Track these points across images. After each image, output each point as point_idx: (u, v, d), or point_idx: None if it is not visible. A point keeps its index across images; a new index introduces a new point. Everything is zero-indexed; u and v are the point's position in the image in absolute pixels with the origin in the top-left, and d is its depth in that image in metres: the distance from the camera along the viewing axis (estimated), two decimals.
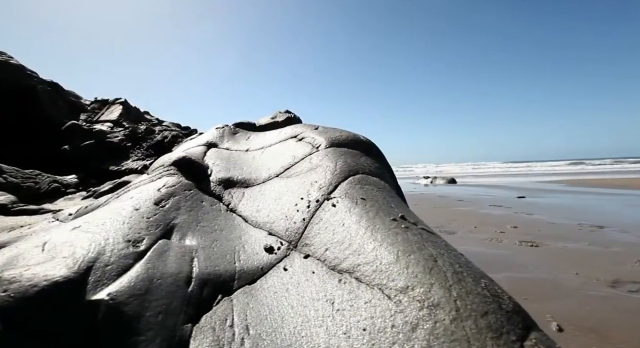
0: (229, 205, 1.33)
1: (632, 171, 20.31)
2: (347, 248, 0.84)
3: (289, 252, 0.96)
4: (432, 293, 0.61)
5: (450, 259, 0.70)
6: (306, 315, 0.68)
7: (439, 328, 0.55)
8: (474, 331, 0.52)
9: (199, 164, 1.54)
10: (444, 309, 0.58)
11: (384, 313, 0.62)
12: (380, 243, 0.80)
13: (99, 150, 3.94)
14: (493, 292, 0.60)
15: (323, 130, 1.87)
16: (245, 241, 1.06)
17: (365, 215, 0.95)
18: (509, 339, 0.50)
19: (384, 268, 0.72)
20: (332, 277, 0.78)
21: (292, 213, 1.11)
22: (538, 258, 2.69)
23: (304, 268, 0.85)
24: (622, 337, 1.45)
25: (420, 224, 0.92)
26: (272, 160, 1.73)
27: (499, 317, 0.54)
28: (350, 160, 1.38)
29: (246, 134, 2.73)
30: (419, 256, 0.71)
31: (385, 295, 0.66)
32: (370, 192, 1.09)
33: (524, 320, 0.56)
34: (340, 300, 0.69)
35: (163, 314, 0.70)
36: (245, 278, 0.88)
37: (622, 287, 2.01)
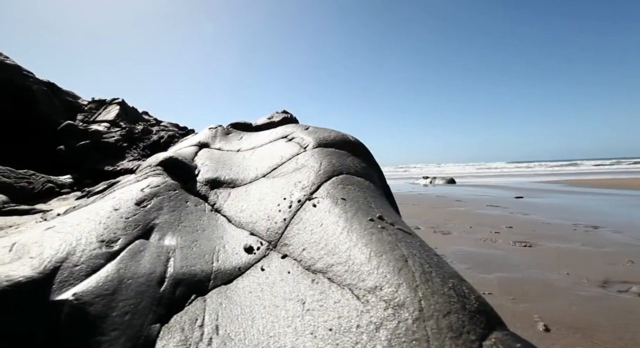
0: (214, 205, 1.33)
1: (631, 171, 20.29)
2: (323, 248, 0.84)
3: (268, 252, 0.96)
4: (398, 294, 0.62)
5: (421, 260, 0.71)
6: (277, 315, 0.68)
7: (402, 328, 0.55)
8: (434, 331, 0.52)
9: (185, 164, 1.55)
10: (408, 309, 0.58)
11: (350, 314, 0.62)
12: (354, 244, 0.80)
13: (94, 151, 3.94)
14: (459, 292, 0.60)
15: (313, 131, 1.87)
16: (226, 241, 1.06)
17: (343, 215, 0.96)
18: (468, 339, 0.50)
19: (356, 268, 0.72)
20: (306, 277, 0.78)
21: (274, 213, 1.12)
22: (531, 259, 2.69)
23: (280, 269, 0.85)
24: (606, 336, 1.45)
25: (398, 224, 0.92)
26: (261, 160, 1.73)
27: (461, 317, 0.54)
28: (335, 160, 1.38)
29: (239, 134, 2.73)
30: (390, 256, 0.72)
31: (354, 295, 0.66)
32: (352, 192, 1.09)
33: (487, 319, 0.56)
34: (311, 300, 0.69)
35: (130, 314, 0.70)
36: (222, 278, 0.88)
37: (611, 287, 2.01)
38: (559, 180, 14.04)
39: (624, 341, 1.41)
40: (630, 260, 2.51)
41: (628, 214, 4.83)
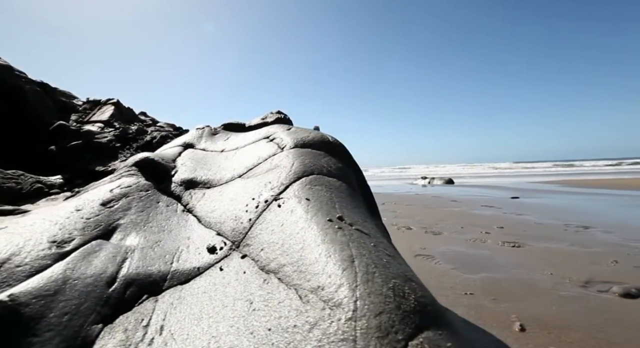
0: (187, 205, 1.34)
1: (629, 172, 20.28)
2: (279, 248, 0.85)
3: (230, 252, 0.96)
4: (337, 294, 0.62)
5: (368, 260, 0.71)
6: (224, 315, 0.69)
7: (333, 328, 0.55)
8: (362, 331, 0.53)
9: (160, 165, 1.55)
10: (343, 309, 0.58)
11: (290, 313, 0.62)
12: (307, 244, 0.80)
13: (86, 151, 3.95)
14: (398, 293, 0.61)
15: (293, 131, 1.88)
16: (192, 241, 1.06)
17: (304, 215, 0.96)
18: (395, 338, 0.51)
19: (304, 268, 0.72)
20: (259, 277, 0.78)
21: (241, 213, 1.12)
22: (518, 259, 2.70)
23: (238, 269, 0.85)
24: (580, 336, 1.45)
25: (358, 225, 0.93)
26: (240, 161, 1.74)
27: (392, 317, 0.54)
28: (308, 160, 1.38)
29: (226, 135, 2.74)
30: (338, 257, 0.72)
31: (298, 295, 0.66)
32: (318, 193, 1.10)
33: (422, 319, 0.57)
34: (259, 300, 0.69)
35: (70, 315, 0.70)
36: (178, 278, 0.88)
37: (592, 287, 2.01)
38: (557, 181, 14.04)
39: (596, 340, 1.42)
40: (614, 260, 2.51)
41: (621, 214, 4.83)
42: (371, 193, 1.86)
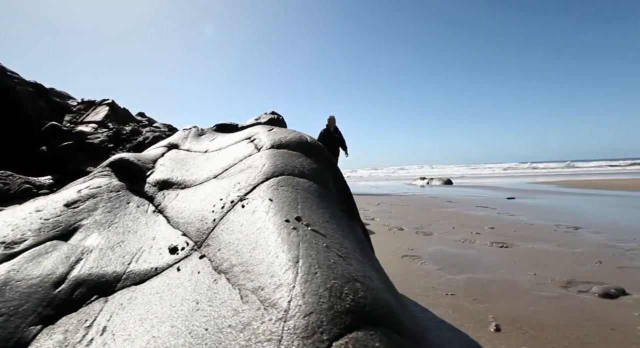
0: (158, 206, 1.34)
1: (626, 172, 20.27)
2: (233, 248, 0.85)
3: (191, 252, 0.97)
4: (274, 294, 0.62)
5: (314, 261, 0.71)
6: (169, 316, 0.69)
7: (262, 328, 0.56)
8: (288, 331, 0.53)
9: (134, 165, 1.56)
10: (275, 309, 0.58)
11: (228, 314, 0.63)
12: (259, 245, 0.81)
13: (78, 151, 3.96)
14: (335, 293, 0.61)
15: (273, 132, 1.88)
16: (156, 242, 1.07)
17: (263, 216, 0.96)
18: (319, 338, 0.51)
19: (250, 269, 0.73)
20: (210, 277, 0.79)
21: (207, 214, 1.13)
22: (503, 259, 2.70)
23: (193, 269, 0.86)
24: (553, 336, 1.45)
25: (315, 226, 0.93)
26: (219, 161, 1.74)
27: (321, 317, 0.55)
28: (281, 161, 1.39)
29: (213, 135, 2.74)
30: (284, 257, 0.72)
31: (240, 295, 0.67)
32: (283, 193, 1.10)
33: (354, 319, 0.57)
34: (205, 301, 0.70)
35: (7, 316, 0.71)
36: (133, 279, 0.89)
37: (573, 288, 2.01)
38: (556, 181, 14.03)
39: (569, 340, 1.42)
40: (599, 261, 2.51)
41: (613, 215, 4.83)
42: (350, 195, 1.86)
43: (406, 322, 0.84)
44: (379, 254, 2.95)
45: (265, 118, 5.55)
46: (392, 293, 1.01)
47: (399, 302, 1.06)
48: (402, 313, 0.88)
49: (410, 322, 0.94)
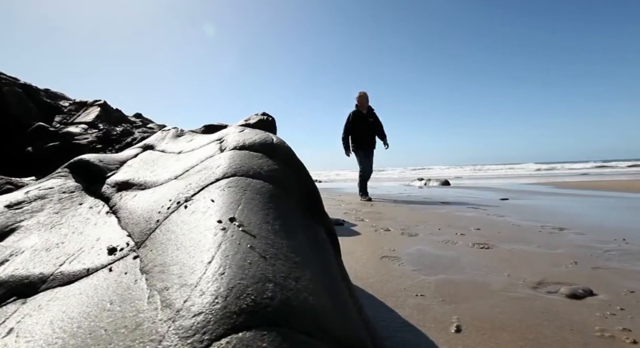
0: (113, 207, 1.35)
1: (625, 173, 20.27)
2: (162, 249, 0.85)
3: (129, 253, 0.97)
4: (175, 295, 0.63)
5: (228, 261, 0.72)
6: (82, 316, 0.69)
7: (150, 328, 0.56)
8: (172, 330, 0.53)
9: (94, 166, 1.56)
10: (170, 309, 0.59)
11: (130, 314, 0.63)
12: (183, 245, 0.81)
13: (64, 152, 3.97)
14: (235, 294, 0.61)
15: (241, 133, 1.88)
16: (100, 242, 1.07)
17: (199, 216, 0.97)
18: (199, 339, 0.51)
19: (166, 269, 0.73)
20: (133, 278, 0.79)
21: (154, 215, 1.13)
22: (481, 260, 2.70)
23: (124, 270, 0.86)
24: (512, 336, 1.45)
25: (250, 226, 0.93)
26: (185, 162, 1.75)
27: (210, 318, 0.55)
28: (238, 162, 1.39)
29: (191, 136, 2.74)
30: (199, 258, 0.73)
31: (148, 295, 0.67)
32: (228, 194, 1.11)
33: (247, 320, 0.57)
34: (119, 301, 0.70)
35: None
36: (61, 280, 0.89)
37: (543, 288, 2.01)
38: (552, 182, 14.03)
39: (525, 340, 1.42)
40: (574, 262, 2.51)
41: (601, 216, 4.82)
42: (315, 195, 1.86)
43: (335, 324, 0.84)
44: (360, 255, 2.95)
45: (254, 119, 5.56)
46: (330, 296, 1.01)
47: (340, 305, 1.06)
48: (333, 317, 0.89)
49: (347, 326, 0.95)
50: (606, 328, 1.49)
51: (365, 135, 7.36)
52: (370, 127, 7.35)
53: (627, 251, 2.78)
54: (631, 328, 1.48)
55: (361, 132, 7.32)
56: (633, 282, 2.06)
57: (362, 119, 7.28)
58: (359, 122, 7.26)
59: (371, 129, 7.37)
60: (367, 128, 7.34)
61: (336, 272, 1.31)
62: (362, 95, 7.09)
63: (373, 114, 7.43)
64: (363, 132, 7.33)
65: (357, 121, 7.25)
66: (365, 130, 7.33)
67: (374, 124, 7.40)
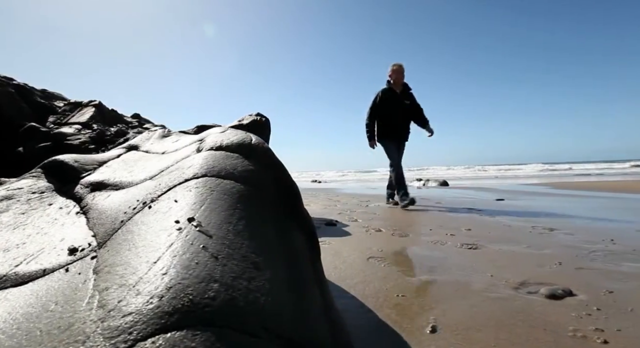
0: (84, 207, 1.35)
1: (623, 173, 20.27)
2: (117, 249, 0.86)
3: (89, 253, 0.97)
4: (112, 295, 0.63)
5: (172, 261, 0.72)
6: (26, 317, 0.69)
7: (80, 329, 0.56)
8: (98, 331, 0.53)
9: (67, 166, 1.56)
10: (103, 310, 0.59)
11: (68, 315, 0.63)
12: (135, 245, 0.81)
13: (55, 153, 3.98)
14: (173, 294, 0.61)
15: (222, 133, 1.88)
16: (63, 243, 1.07)
17: (159, 216, 0.97)
18: (124, 339, 0.51)
19: (113, 270, 0.73)
20: (84, 278, 0.79)
21: (120, 215, 1.13)
22: (467, 261, 2.70)
23: (78, 270, 0.86)
24: (484, 336, 1.45)
25: (208, 226, 0.93)
26: (164, 162, 1.75)
27: (139, 318, 0.55)
28: (211, 163, 1.39)
29: (178, 137, 2.75)
30: (146, 258, 0.73)
31: (89, 296, 0.67)
32: (194, 194, 1.11)
33: (179, 320, 0.57)
34: (63, 302, 0.70)
35: None
36: (15, 280, 0.89)
37: (524, 289, 2.01)
38: (549, 183, 14.03)
39: (498, 341, 1.41)
40: (559, 262, 2.50)
41: (594, 216, 4.81)
42: (293, 196, 1.86)
43: (288, 325, 0.85)
44: (347, 256, 2.95)
45: (248, 119, 5.55)
46: (292, 297, 1.01)
47: (302, 306, 1.06)
48: (288, 317, 0.89)
49: (303, 327, 0.95)
50: (579, 328, 1.49)
51: (398, 121, 5.51)
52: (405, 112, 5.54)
53: (612, 251, 2.78)
54: (604, 328, 1.48)
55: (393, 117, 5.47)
56: (613, 282, 2.05)
57: (394, 100, 5.45)
58: (391, 104, 5.43)
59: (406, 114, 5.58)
60: (400, 112, 5.51)
61: (306, 273, 1.31)
62: (397, 68, 5.33)
63: (409, 95, 5.59)
64: (395, 117, 5.48)
65: (389, 103, 5.43)
66: (398, 114, 5.49)
67: (410, 107, 5.58)
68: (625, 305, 1.70)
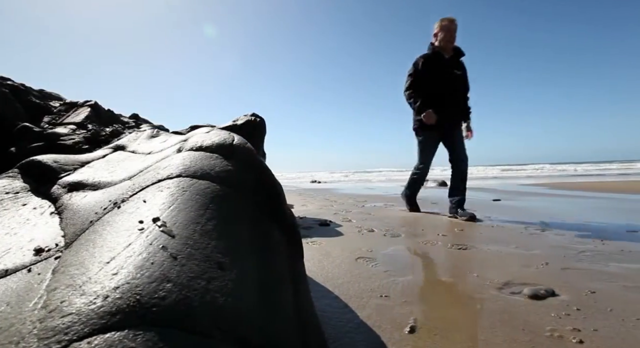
0: (59, 207, 1.35)
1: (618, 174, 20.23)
2: (77, 249, 0.86)
3: (55, 253, 0.98)
4: (58, 295, 0.62)
5: (125, 262, 0.71)
6: None
7: (17, 329, 0.56)
8: (34, 331, 0.53)
9: (45, 167, 1.56)
10: (44, 310, 0.59)
11: (12, 315, 0.62)
12: (95, 244, 0.81)
13: (48, 152, 3.97)
14: (119, 294, 0.61)
15: (205, 134, 1.88)
16: (31, 243, 1.07)
17: (125, 216, 0.97)
18: (58, 339, 0.51)
19: (68, 270, 0.73)
20: (41, 278, 0.79)
21: (91, 215, 1.13)
22: (455, 261, 2.69)
23: (40, 271, 0.86)
24: (463, 337, 1.45)
25: (172, 226, 0.93)
26: (147, 163, 1.75)
27: (79, 318, 0.55)
28: (187, 163, 1.39)
29: (166, 137, 2.75)
30: (100, 258, 0.73)
31: (37, 296, 0.67)
32: (165, 195, 1.11)
33: (122, 320, 0.57)
34: (14, 302, 0.70)
35: None
36: None
37: (507, 289, 2.00)
38: (547, 183, 14.02)
39: (474, 341, 1.41)
40: (546, 262, 2.50)
41: (587, 217, 4.81)
42: (276, 197, 1.86)
43: (248, 325, 0.85)
44: (337, 256, 2.95)
45: (242, 120, 5.54)
46: (260, 297, 1.01)
47: (270, 306, 1.06)
48: (250, 318, 0.89)
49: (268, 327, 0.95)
50: (557, 328, 1.48)
51: (447, 94, 4.06)
52: (456, 83, 4.10)
53: (600, 252, 2.77)
54: (581, 328, 1.47)
55: (439, 93, 4.01)
56: (597, 282, 2.05)
57: (442, 67, 4.02)
58: (438, 71, 4.01)
59: (457, 86, 4.13)
60: (451, 83, 4.07)
61: (280, 274, 1.30)
62: (447, 24, 3.88)
63: (460, 63, 4.11)
64: (443, 88, 4.02)
65: (435, 70, 4.00)
66: (447, 85, 4.05)
67: (463, 78, 4.13)
68: (605, 306, 1.70)
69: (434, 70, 4.08)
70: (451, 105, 4.21)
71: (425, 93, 4.19)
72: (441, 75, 4.08)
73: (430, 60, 4.08)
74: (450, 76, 4.11)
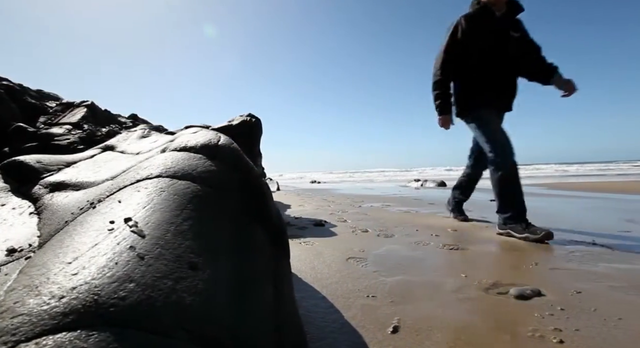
0: (40, 207, 1.35)
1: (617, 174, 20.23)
2: (45, 249, 0.86)
3: (27, 254, 0.98)
4: (14, 296, 0.62)
5: (88, 262, 0.71)
6: None
7: None
8: None
9: (26, 167, 1.57)
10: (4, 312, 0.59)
11: None
12: (65, 245, 0.81)
13: (42, 153, 3.99)
14: (75, 294, 0.61)
15: (191, 134, 1.88)
16: (5, 244, 1.08)
17: (97, 217, 0.97)
18: (5, 340, 0.51)
19: (29, 270, 0.73)
20: (10, 278, 0.79)
21: (67, 215, 1.13)
22: (445, 261, 2.69)
23: (7, 271, 0.86)
24: (445, 337, 1.44)
25: (144, 226, 0.93)
26: (131, 163, 1.75)
27: (29, 318, 0.55)
28: (168, 164, 1.39)
29: (157, 137, 2.75)
30: (64, 258, 0.73)
31: (4, 293, 0.67)
32: (141, 195, 1.11)
33: (76, 321, 0.57)
34: None
35: None
36: None
37: (494, 289, 2.00)
38: (545, 183, 14.01)
39: (456, 342, 1.41)
40: (535, 263, 2.50)
41: (583, 217, 4.80)
42: (261, 197, 1.86)
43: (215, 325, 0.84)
44: (328, 256, 2.94)
45: (238, 120, 5.55)
46: (233, 297, 1.01)
47: (243, 306, 1.06)
48: (219, 317, 0.88)
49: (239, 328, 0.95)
50: (539, 328, 1.48)
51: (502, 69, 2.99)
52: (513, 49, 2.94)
53: (590, 252, 2.77)
54: (563, 328, 1.47)
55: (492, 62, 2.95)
56: (584, 282, 2.05)
57: (494, 31, 2.92)
58: (488, 38, 2.93)
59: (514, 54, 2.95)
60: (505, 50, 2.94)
61: (259, 274, 1.30)
62: None
63: (517, 22, 2.99)
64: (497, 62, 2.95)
65: (483, 37, 2.93)
66: (502, 57, 2.95)
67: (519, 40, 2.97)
68: (589, 306, 1.70)
69: (482, 35, 2.92)
70: (506, 84, 3.09)
71: (472, 68, 3.04)
72: (494, 40, 2.91)
73: (476, 20, 2.93)
74: (505, 39, 2.92)
